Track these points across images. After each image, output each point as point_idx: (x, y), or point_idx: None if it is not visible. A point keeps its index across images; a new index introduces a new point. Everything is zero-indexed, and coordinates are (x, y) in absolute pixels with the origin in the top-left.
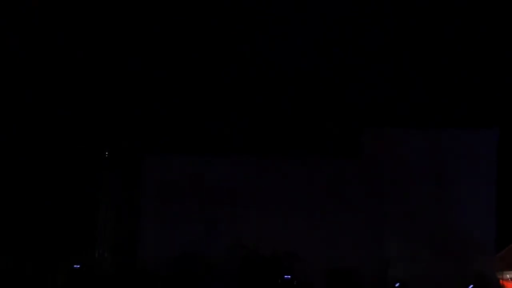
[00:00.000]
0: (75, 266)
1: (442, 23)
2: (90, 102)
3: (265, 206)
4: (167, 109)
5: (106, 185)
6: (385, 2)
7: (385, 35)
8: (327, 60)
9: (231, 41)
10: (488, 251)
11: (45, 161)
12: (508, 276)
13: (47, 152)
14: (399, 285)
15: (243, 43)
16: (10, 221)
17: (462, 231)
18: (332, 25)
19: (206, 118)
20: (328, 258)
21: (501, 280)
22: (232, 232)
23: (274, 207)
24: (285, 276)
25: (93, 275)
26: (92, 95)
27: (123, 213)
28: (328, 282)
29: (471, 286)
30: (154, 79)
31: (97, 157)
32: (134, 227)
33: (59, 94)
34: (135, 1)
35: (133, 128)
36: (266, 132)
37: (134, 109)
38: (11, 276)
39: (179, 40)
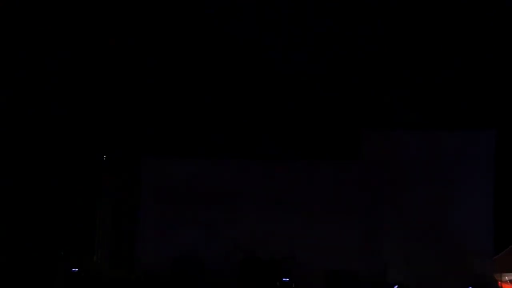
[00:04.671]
0: (73, 269)
1: (440, 24)
2: (88, 105)
3: (263, 208)
4: (165, 111)
5: (104, 188)
6: (383, 4)
7: (384, 36)
8: (326, 62)
9: (230, 43)
10: (487, 253)
11: (43, 164)
12: (507, 278)
13: (45, 155)
14: (397, 287)
15: (242, 44)
16: (7, 224)
17: (460, 233)
18: (332, 26)
19: (204, 120)
20: (327, 260)
21: (499, 282)
22: (230, 235)
23: (272, 209)
24: (283, 279)
25: (92, 278)
26: (90, 98)
27: (121, 216)
28: (326, 284)
29: None
30: (152, 81)
31: (95, 160)
32: (132, 230)
33: (57, 95)
34: (134, 2)
35: (131, 131)
36: (264, 135)
37: (132, 112)
38: (9, 279)
39: (177, 42)
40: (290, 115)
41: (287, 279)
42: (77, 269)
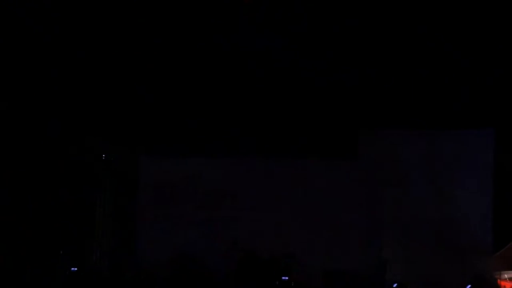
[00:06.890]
0: (72, 269)
1: (439, 23)
2: (88, 104)
3: (262, 207)
4: (164, 111)
5: (104, 187)
6: (383, 4)
7: (382, 36)
8: (324, 62)
9: (228, 43)
10: (486, 251)
11: (43, 164)
12: (506, 276)
13: (44, 155)
14: (396, 285)
15: (240, 45)
16: (7, 224)
17: (460, 232)
18: (330, 27)
19: (203, 120)
20: (326, 259)
21: (499, 280)
22: (229, 234)
23: (272, 208)
24: (283, 278)
25: (91, 277)
26: (89, 98)
27: (120, 215)
28: (326, 283)
29: (469, 286)
30: (151, 81)
31: (94, 159)
32: (131, 230)
33: (56, 95)
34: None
35: (130, 131)
36: (263, 134)
37: (131, 112)
38: (9, 279)
39: (176, 43)
40: (290, 114)
41: (287, 278)
42: (77, 269)
